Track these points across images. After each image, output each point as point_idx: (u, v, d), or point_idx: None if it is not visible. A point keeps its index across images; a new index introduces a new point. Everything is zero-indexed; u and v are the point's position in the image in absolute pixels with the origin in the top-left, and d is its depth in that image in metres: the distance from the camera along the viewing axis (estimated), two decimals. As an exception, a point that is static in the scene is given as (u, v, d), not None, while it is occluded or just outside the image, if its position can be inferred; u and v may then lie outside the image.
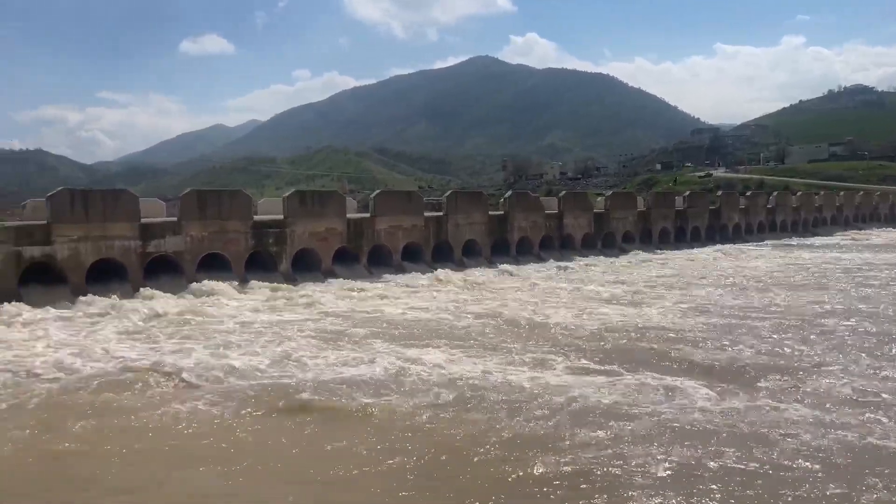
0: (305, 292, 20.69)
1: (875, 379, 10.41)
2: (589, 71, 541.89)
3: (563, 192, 37.57)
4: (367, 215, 27.05)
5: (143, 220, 21.20)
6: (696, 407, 9.11)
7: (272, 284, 21.79)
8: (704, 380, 10.42)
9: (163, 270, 21.24)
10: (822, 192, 60.48)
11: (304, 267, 24.26)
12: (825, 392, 9.78)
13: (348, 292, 20.97)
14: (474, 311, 17.49)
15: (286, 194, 25.59)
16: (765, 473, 7.05)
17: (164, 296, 19.32)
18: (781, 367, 11.23)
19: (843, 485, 6.75)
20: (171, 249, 21.50)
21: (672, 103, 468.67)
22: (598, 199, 40.30)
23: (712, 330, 14.55)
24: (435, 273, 25.27)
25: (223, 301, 19.16)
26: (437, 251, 28.62)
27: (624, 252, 35.07)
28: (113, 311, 17.38)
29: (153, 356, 12.39)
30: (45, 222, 19.53)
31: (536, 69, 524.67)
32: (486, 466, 7.41)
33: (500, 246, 31.19)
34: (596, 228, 35.97)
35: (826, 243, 42.91)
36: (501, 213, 32.09)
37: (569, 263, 30.17)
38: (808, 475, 6.99)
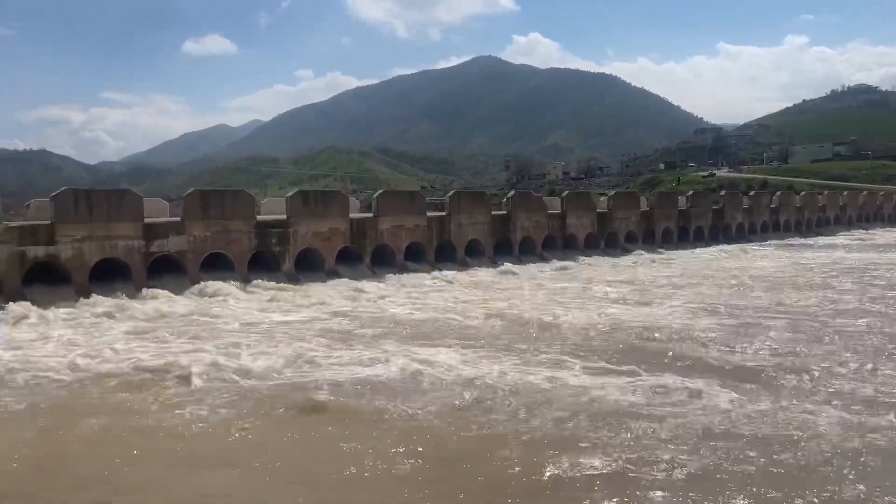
0: (310, 292, 20.60)
1: (897, 380, 10.23)
2: (592, 71, 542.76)
3: (566, 192, 37.41)
4: (370, 215, 26.94)
5: (146, 219, 21.12)
6: (720, 409, 8.97)
7: (276, 284, 21.70)
8: (725, 380, 10.26)
9: (166, 270, 21.17)
10: (825, 192, 60.21)
11: (308, 267, 24.16)
12: (849, 393, 9.62)
13: (353, 292, 20.85)
14: (481, 311, 17.34)
15: (289, 194, 25.46)
16: (792, 476, 6.93)
17: (169, 296, 19.25)
18: (800, 367, 11.06)
19: (874, 487, 6.64)
20: (175, 249, 21.42)
21: (675, 103, 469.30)
22: (601, 199, 40.11)
23: (726, 330, 14.38)
24: (438, 273, 25.18)
25: (229, 301, 19.06)
26: (439, 251, 28.51)
27: (627, 252, 34.92)
28: (119, 311, 17.30)
29: (165, 356, 12.24)
30: (49, 222, 19.47)
31: (539, 69, 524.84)
32: (507, 468, 7.28)
33: (503, 246, 31.07)
34: (599, 228, 35.83)
35: (830, 243, 42.70)
36: (504, 213, 31.96)
37: (572, 263, 30.03)
38: (837, 477, 6.88)
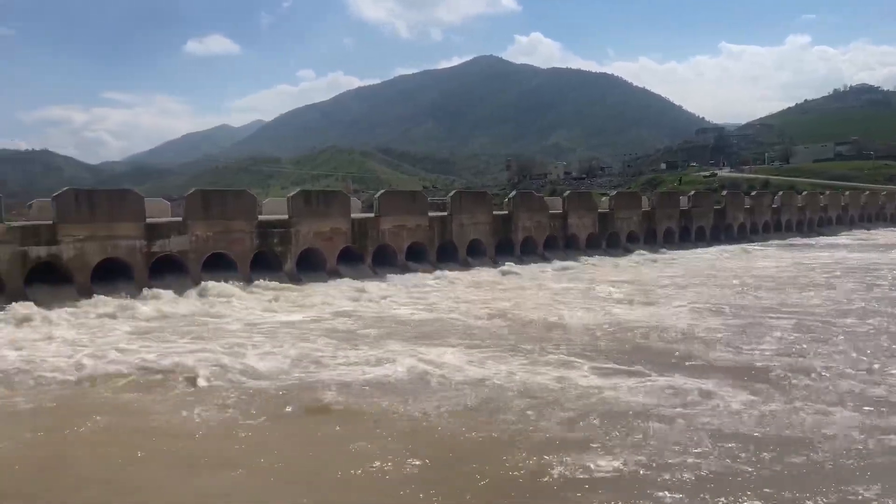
0: (312, 292, 20.56)
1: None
2: (593, 70, 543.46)
3: (568, 192, 37.34)
4: (372, 215, 26.90)
5: (148, 219, 21.09)
6: (731, 409, 8.90)
7: (278, 284, 21.67)
8: (734, 381, 10.18)
9: (168, 270, 21.15)
10: (827, 192, 60.01)
11: (309, 267, 24.14)
12: (860, 394, 9.54)
13: (355, 292, 20.80)
14: (485, 311, 17.27)
15: (291, 194, 25.42)
16: (806, 477, 6.88)
17: (171, 296, 19.22)
18: (810, 368, 10.97)
19: (890, 488, 6.60)
20: (176, 249, 21.41)
21: (676, 103, 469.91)
22: (603, 198, 40.00)
23: (732, 330, 14.29)
24: (440, 273, 25.15)
25: (232, 301, 19.00)
26: (441, 251, 28.48)
27: (628, 252, 34.86)
28: (121, 311, 17.26)
29: (170, 357, 12.18)
30: (51, 222, 19.45)
31: (541, 69, 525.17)
32: (517, 469, 7.22)
33: (505, 246, 31.03)
34: (600, 228, 35.77)
35: (832, 243, 42.60)
36: (506, 213, 31.91)
37: (574, 263, 29.99)
38: (853, 478, 6.83)
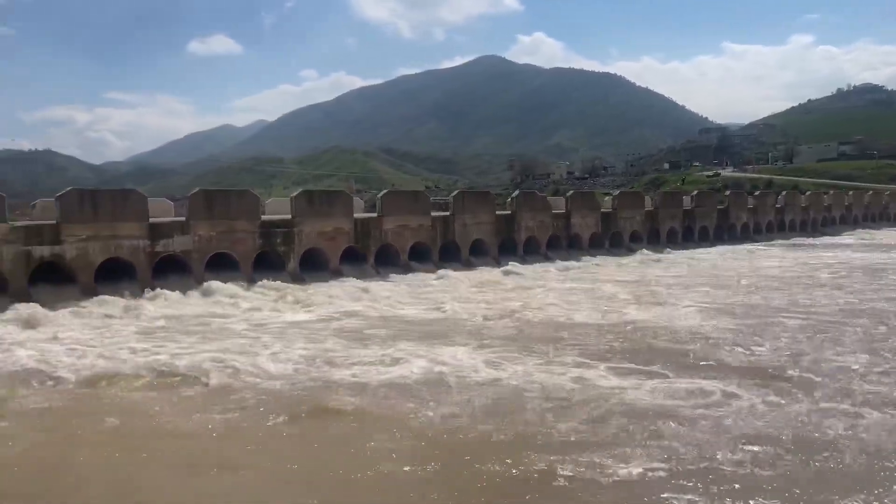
0: (316, 292, 20.63)
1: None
2: (596, 70, 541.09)
3: (571, 192, 37.46)
4: (375, 215, 27.00)
5: (151, 219, 21.22)
6: (756, 410, 8.82)
7: (281, 284, 21.73)
8: (756, 381, 10.10)
9: (171, 270, 21.26)
10: (831, 192, 59.93)
11: (312, 267, 24.23)
12: (885, 395, 9.44)
13: (359, 292, 20.88)
14: (493, 311, 17.24)
15: (294, 194, 25.57)
16: (832, 478, 6.84)
17: (176, 296, 19.31)
18: (827, 369, 10.86)
19: None
20: (180, 249, 21.52)
21: (679, 102, 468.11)
22: (606, 198, 40.06)
23: (746, 330, 14.18)
24: (443, 273, 25.19)
25: (237, 301, 19.10)
26: (444, 251, 28.55)
27: (631, 252, 34.91)
28: (125, 311, 17.41)
29: (182, 358, 12.07)
30: (55, 222, 19.58)
31: (543, 68, 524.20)
32: (537, 471, 7.14)
33: (508, 246, 31.10)
34: (603, 228, 35.83)
35: (836, 243, 42.61)
36: (509, 212, 31.99)
37: (577, 263, 30.11)
38: (882, 479, 6.78)
